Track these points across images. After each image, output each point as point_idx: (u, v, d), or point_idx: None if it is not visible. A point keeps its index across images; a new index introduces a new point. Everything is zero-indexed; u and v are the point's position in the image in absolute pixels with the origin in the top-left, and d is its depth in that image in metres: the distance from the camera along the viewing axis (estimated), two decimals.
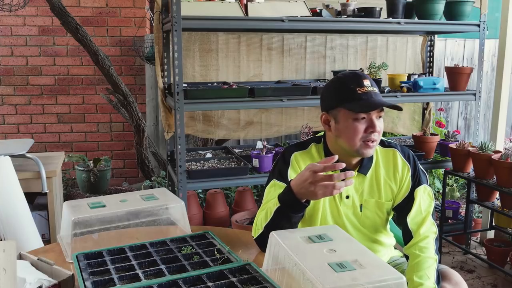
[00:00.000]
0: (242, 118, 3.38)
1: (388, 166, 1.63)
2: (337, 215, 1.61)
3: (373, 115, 1.50)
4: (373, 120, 1.50)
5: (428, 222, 1.58)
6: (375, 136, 1.51)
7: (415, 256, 1.53)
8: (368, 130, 1.50)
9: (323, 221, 1.60)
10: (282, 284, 1.15)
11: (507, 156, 2.72)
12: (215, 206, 3.33)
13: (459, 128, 4.63)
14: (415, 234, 1.56)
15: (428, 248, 1.53)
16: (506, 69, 3.14)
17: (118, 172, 4.37)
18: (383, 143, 1.67)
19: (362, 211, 1.62)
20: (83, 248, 1.40)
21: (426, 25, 2.96)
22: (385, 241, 1.69)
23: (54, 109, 4.22)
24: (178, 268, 1.28)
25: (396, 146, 1.66)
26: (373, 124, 1.49)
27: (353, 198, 1.61)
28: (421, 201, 1.60)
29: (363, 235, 1.63)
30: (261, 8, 2.68)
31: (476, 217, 3.50)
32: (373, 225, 1.64)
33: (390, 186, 1.62)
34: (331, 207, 1.60)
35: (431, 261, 1.51)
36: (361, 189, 1.61)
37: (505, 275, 2.93)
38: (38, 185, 2.46)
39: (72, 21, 3.25)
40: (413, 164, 1.64)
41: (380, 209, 1.63)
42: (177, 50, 2.44)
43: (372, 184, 1.62)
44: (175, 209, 1.58)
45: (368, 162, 1.61)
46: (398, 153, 1.64)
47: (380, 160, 1.63)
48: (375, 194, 1.62)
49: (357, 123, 1.50)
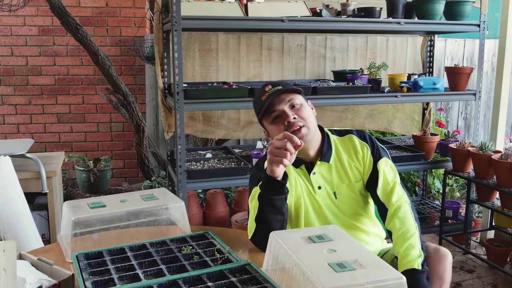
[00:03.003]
0: (242, 118, 3.39)
1: (349, 150, 1.71)
2: (317, 207, 1.67)
3: (284, 108, 1.59)
4: (285, 111, 1.58)
5: (398, 190, 1.64)
6: (299, 122, 1.58)
7: (396, 230, 1.56)
8: (285, 122, 1.58)
9: (307, 217, 1.66)
10: (282, 284, 1.15)
11: (507, 156, 2.72)
12: (215, 206, 3.33)
13: (459, 128, 4.63)
14: (388, 205, 1.62)
15: (406, 217, 1.57)
16: (506, 69, 3.15)
17: (118, 172, 4.37)
18: (340, 132, 1.75)
19: (337, 198, 1.68)
20: (83, 248, 1.40)
21: (426, 25, 2.96)
22: (369, 230, 1.71)
23: (54, 109, 4.22)
24: (178, 268, 1.28)
25: (351, 132, 1.74)
26: (286, 115, 1.58)
27: (325, 188, 1.67)
28: (385, 173, 1.66)
29: (345, 223, 1.67)
30: (261, 8, 2.68)
31: (476, 217, 3.50)
32: (352, 211, 1.69)
33: (356, 167, 1.70)
34: (311, 201, 1.67)
35: (412, 229, 1.55)
36: (330, 177, 1.68)
37: (505, 275, 2.93)
38: (38, 185, 2.46)
39: (72, 21, 3.25)
40: (370, 142, 1.71)
41: (353, 191, 1.69)
42: (177, 50, 2.44)
43: (338, 170, 1.69)
44: (175, 209, 1.58)
45: (327, 150, 1.68)
46: (355, 137, 1.72)
47: (340, 148, 1.71)
48: (344, 178, 1.69)
49: (275, 123, 1.61)
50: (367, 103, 3.23)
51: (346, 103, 3.11)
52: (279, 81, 1.70)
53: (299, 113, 1.60)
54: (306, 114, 1.61)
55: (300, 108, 1.61)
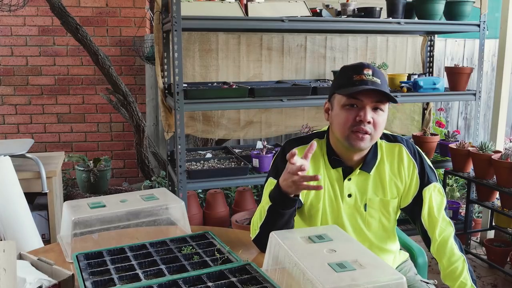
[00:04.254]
0: (242, 118, 3.39)
1: (393, 162, 1.55)
2: (337, 215, 1.54)
3: (367, 105, 1.43)
4: (366, 109, 1.42)
5: (442, 222, 1.52)
6: (368, 128, 1.43)
7: (444, 268, 1.51)
8: (357, 118, 1.42)
9: (323, 222, 1.56)
10: (282, 284, 1.15)
11: (507, 156, 2.72)
12: (215, 206, 3.33)
13: (459, 128, 4.63)
14: (431, 236, 1.52)
15: (453, 253, 1.50)
16: (506, 69, 3.14)
17: (118, 172, 4.37)
18: (388, 138, 1.59)
19: (366, 211, 1.54)
20: (83, 248, 1.40)
21: (426, 25, 2.96)
22: (388, 248, 1.62)
23: (54, 109, 4.22)
24: (178, 268, 1.28)
25: (402, 141, 1.58)
26: (364, 113, 1.42)
27: (355, 197, 1.53)
28: (432, 201, 1.53)
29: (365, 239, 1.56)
30: (261, 8, 2.68)
31: (476, 217, 3.50)
32: (377, 227, 1.57)
33: (395, 183, 1.55)
34: (331, 207, 1.54)
35: (460, 264, 1.49)
36: (365, 187, 1.53)
37: (505, 275, 2.93)
38: (38, 185, 2.46)
39: (72, 21, 3.25)
40: (419, 161, 1.56)
41: (386, 208, 1.55)
42: (177, 50, 2.44)
43: (376, 181, 1.54)
44: (175, 209, 1.58)
45: (372, 159, 1.53)
46: (404, 149, 1.56)
47: (385, 155, 1.55)
48: (379, 192, 1.54)
49: (348, 110, 1.44)
50: None
51: None
52: (380, 72, 1.48)
53: (376, 120, 1.44)
54: (381, 124, 1.46)
55: (380, 115, 1.46)
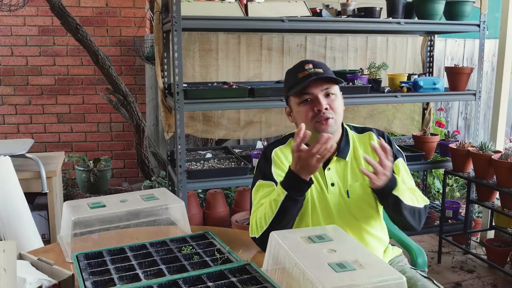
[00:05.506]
0: (242, 118, 3.39)
1: (366, 148, 1.65)
2: (325, 205, 1.60)
3: (318, 94, 1.52)
4: (319, 98, 1.52)
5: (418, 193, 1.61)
6: (328, 113, 1.52)
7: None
8: (315, 109, 1.52)
9: (313, 213, 1.59)
10: (282, 284, 1.15)
11: (507, 156, 2.72)
12: (215, 206, 3.33)
13: (459, 128, 4.63)
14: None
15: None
16: (506, 69, 3.15)
17: (118, 172, 4.37)
18: (357, 129, 1.70)
19: (349, 197, 1.61)
20: (83, 248, 1.40)
21: (426, 25, 2.96)
22: (376, 233, 1.66)
23: (54, 109, 4.22)
24: (178, 268, 1.28)
25: (371, 129, 1.69)
26: (319, 102, 1.52)
27: (338, 185, 1.61)
28: (403, 174, 1.62)
29: (352, 224, 1.61)
30: (261, 8, 2.68)
31: (476, 217, 3.50)
32: (362, 212, 1.62)
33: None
34: (319, 198, 1.60)
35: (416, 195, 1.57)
36: (344, 174, 1.62)
37: (505, 275, 2.93)
38: (38, 185, 2.46)
39: (72, 21, 3.25)
40: (388, 141, 1.65)
41: (366, 192, 1.61)
42: (177, 50, 2.44)
43: (353, 167, 1.63)
44: (175, 209, 1.58)
45: (345, 146, 1.63)
46: (373, 134, 1.67)
47: (358, 145, 1.66)
48: (358, 177, 1.62)
49: (304, 105, 1.54)
50: (367, 103, 3.23)
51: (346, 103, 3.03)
52: (320, 63, 1.59)
53: (332, 104, 1.53)
54: (338, 106, 1.55)
55: (334, 99, 1.55)
